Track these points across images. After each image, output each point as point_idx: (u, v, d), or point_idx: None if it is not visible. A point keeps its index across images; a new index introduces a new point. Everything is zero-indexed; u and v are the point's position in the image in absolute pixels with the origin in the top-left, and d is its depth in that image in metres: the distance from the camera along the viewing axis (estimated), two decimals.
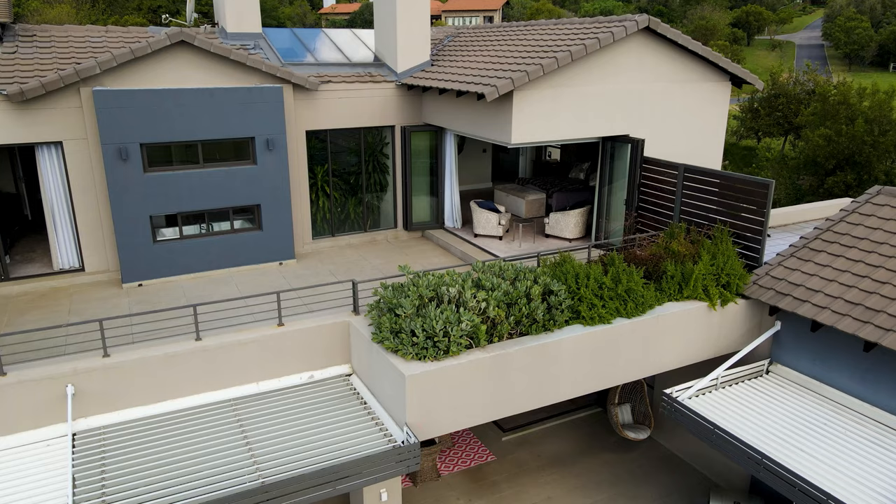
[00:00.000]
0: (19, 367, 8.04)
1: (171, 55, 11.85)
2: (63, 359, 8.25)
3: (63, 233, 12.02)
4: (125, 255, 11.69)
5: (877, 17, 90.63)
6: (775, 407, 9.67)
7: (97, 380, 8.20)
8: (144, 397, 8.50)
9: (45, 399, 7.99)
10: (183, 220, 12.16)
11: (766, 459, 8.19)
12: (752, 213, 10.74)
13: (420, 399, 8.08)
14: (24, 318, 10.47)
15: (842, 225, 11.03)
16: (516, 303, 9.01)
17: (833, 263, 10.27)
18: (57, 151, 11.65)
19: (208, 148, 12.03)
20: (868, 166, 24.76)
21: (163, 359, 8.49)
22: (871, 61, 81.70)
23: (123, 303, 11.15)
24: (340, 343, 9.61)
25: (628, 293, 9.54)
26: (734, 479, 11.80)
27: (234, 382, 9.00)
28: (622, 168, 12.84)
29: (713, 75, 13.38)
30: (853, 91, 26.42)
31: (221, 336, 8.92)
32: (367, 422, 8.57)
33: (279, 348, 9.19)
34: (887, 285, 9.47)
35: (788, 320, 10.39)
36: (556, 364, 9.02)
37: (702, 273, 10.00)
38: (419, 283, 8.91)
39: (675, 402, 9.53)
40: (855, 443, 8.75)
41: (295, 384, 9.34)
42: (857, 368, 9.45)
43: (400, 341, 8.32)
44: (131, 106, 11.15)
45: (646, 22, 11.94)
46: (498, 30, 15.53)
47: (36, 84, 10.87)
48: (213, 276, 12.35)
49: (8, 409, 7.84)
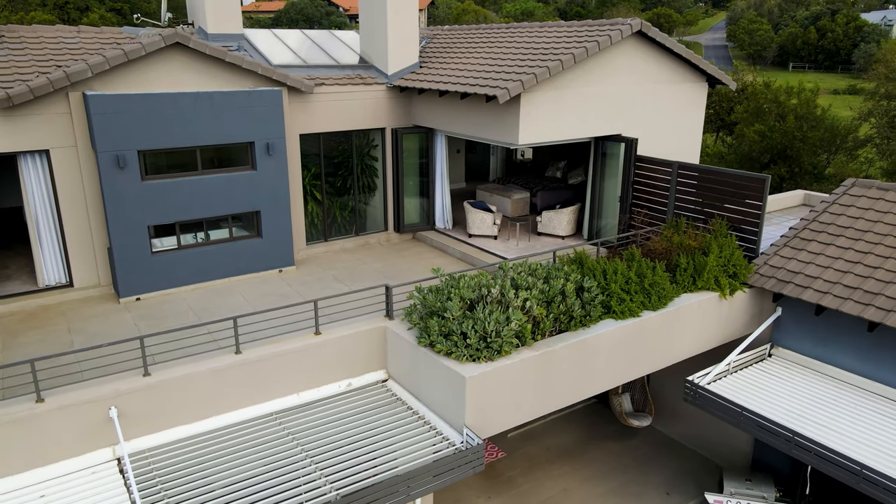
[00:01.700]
0: (55, 393, 7.53)
1: (164, 57, 11.34)
2: (102, 381, 7.78)
3: (49, 246, 11.27)
4: (122, 267, 11.10)
5: (774, 19, 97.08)
6: (786, 387, 10.33)
7: (139, 400, 7.79)
8: (188, 415, 8.14)
9: (87, 424, 7.52)
10: (180, 230, 11.66)
11: (798, 436, 8.77)
12: (749, 207, 11.39)
13: (477, 400, 8.15)
14: (19, 341, 9.77)
15: (825, 216, 11.88)
16: (553, 300, 9.22)
17: (825, 251, 11.06)
18: (42, 160, 10.92)
19: (207, 154, 11.59)
20: (798, 160, 26.65)
21: (206, 374, 8.16)
22: (772, 61, 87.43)
23: (126, 318, 10.60)
24: (376, 349, 9.52)
25: (652, 286, 9.94)
26: (735, 458, 12.50)
27: (276, 395, 8.76)
28: (615, 166, 13.30)
29: (693, 77, 14.07)
30: (783, 90, 28.38)
31: (262, 348, 8.66)
32: (419, 426, 8.55)
33: (318, 357, 9.01)
34: (879, 270, 10.30)
35: (789, 306, 11.11)
36: (594, 358, 9.30)
37: (713, 265, 10.54)
38: (460, 285, 8.96)
39: (700, 388, 10.02)
40: (866, 416, 9.48)
41: (335, 393, 9.18)
42: (859, 347, 10.24)
43: (453, 343, 8.35)
44: (128, 111, 10.59)
45: (638, 26, 12.44)
46: (480, 32, 15.71)
47: (23, 89, 10.16)
48: (213, 287, 11.91)
49: (49, 437, 7.33)
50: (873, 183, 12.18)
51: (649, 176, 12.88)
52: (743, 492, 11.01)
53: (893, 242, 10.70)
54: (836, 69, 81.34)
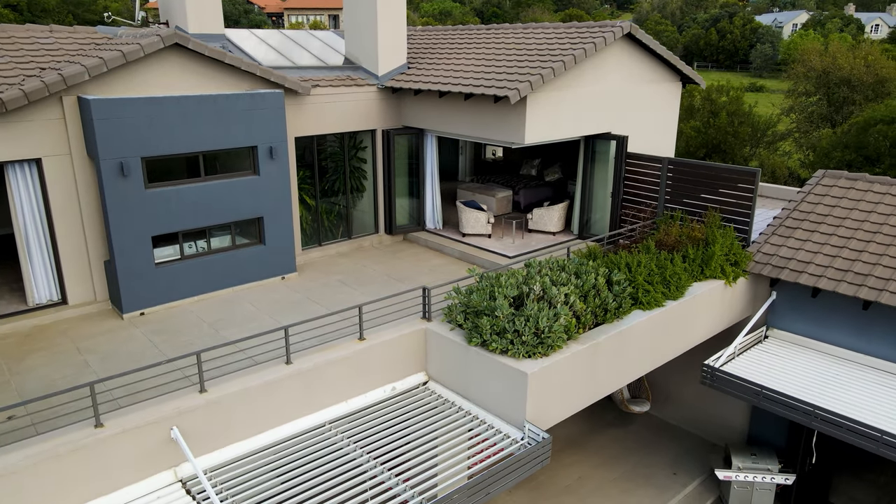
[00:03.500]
0: (112, 416, 7.09)
1: (161, 59, 10.81)
2: (159, 400, 7.38)
3: (40, 262, 10.51)
4: (126, 281, 10.50)
5: (677, 21, 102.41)
6: (789, 365, 11.09)
7: (199, 418, 7.45)
8: (245, 430, 7.85)
9: (148, 447, 7.12)
10: (182, 239, 11.16)
11: (819, 410, 9.46)
12: (740, 199, 12.12)
13: (536, 395, 8.32)
14: (27, 365, 9.09)
15: (804, 205, 12.80)
16: (587, 294, 9.51)
17: (812, 238, 11.94)
18: (32, 170, 10.17)
19: (209, 159, 11.15)
20: (731, 153, 28.46)
21: (261, 388, 7.90)
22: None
23: (137, 334, 10.05)
24: (416, 351, 9.49)
25: (671, 277, 10.43)
26: (730, 436, 13.27)
27: (327, 403, 8.58)
28: (605, 163, 13.78)
29: (670, 76, 14.78)
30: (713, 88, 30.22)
31: (311, 357, 8.46)
32: (476, 425, 8.61)
33: (364, 363, 8.89)
34: (864, 253, 11.24)
35: (783, 289, 11.92)
36: (630, 348, 9.67)
37: (720, 254, 11.16)
38: (501, 283, 9.09)
39: (717, 371, 10.60)
40: (868, 387, 10.34)
41: (382, 398, 9.08)
42: (853, 325, 11.13)
43: (508, 341, 8.46)
44: (132, 116, 10.04)
45: (628, 28, 12.95)
46: (461, 33, 15.84)
47: (17, 93, 9.44)
48: (218, 298, 11.46)
49: (111, 463, 6.89)
50: (841, 174, 13.23)
51: (639, 172, 13.44)
52: (749, 466, 11.72)
53: (871, 227, 11.70)
54: (736, 68, 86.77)
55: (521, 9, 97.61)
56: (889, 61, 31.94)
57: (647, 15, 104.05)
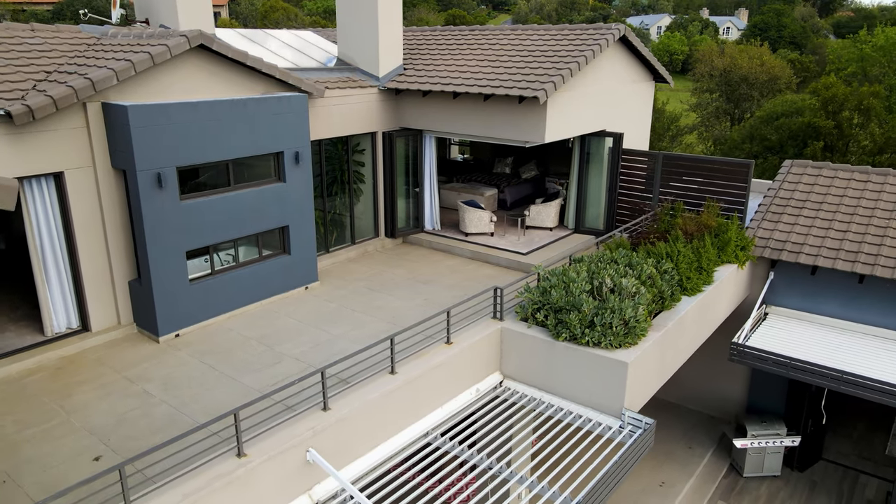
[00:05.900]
0: (251, 443, 6.62)
1: (183, 61, 10.08)
2: (291, 422, 6.97)
3: (58, 286, 9.49)
4: (162, 301, 9.72)
5: (554, 22, 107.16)
6: (795, 336, 12.21)
7: (329, 437, 7.12)
8: (365, 445, 7.58)
9: (287, 471, 6.72)
10: (212, 252, 10.47)
11: (847, 374, 10.53)
12: (735, 189, 13.15)
13: (632, 383, 8.67)
14: (78, 401, 8.22)
15: (782, 192, 14.09)
16: (644, 284, 9.99)
17: (798, 222, 13.18)
18: (50, 185, 9.15)
19: (238, 167, 10.53)
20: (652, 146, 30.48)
21: (377, 400, 7.66)
22: None
23: (185, 357, 9.35)
24: (492, 352, 9.53)
25: (706, 264, 11.15)
26: (728, 408, 14.36)
27: (427, 410, 8.44)
28: (600, 160, 14.41)
29: (647, 76, 15.68)
30: None
31: (412, 365, 8.30)
32: (572, 418, 8.81)
33: (455, 367, 8.83)
34: (848, 233, 12.59)
35: (781, 269, 13.06)
36: (685, 332, 10.27)
37: (734, 240, 12.07)
38: (579, 279, 9.36)
39: (745, 347, 11.47)
40: (872, 351, 11.61)
41: (470, 400, 9.05)
42: (845, 298, 12.42)
43: (601, 334, 8.74)
44: (168, 123, 9.31)
45: (623, 32, 13.62)
46: (447, 34, 15.89)
47: (45, 100, 8.49)
48: (249, 313, 10.87)
49: (258, 494, 6.44)
50: (806, 163, 14.68)
51: (633, 167, 14.19)
52: (762, 433, 12.78)
53: (847, 210, 13.11)
54: None
55: (408, 9, 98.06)
56: (778, 60, 35.63)
57: (525, 16, 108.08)
